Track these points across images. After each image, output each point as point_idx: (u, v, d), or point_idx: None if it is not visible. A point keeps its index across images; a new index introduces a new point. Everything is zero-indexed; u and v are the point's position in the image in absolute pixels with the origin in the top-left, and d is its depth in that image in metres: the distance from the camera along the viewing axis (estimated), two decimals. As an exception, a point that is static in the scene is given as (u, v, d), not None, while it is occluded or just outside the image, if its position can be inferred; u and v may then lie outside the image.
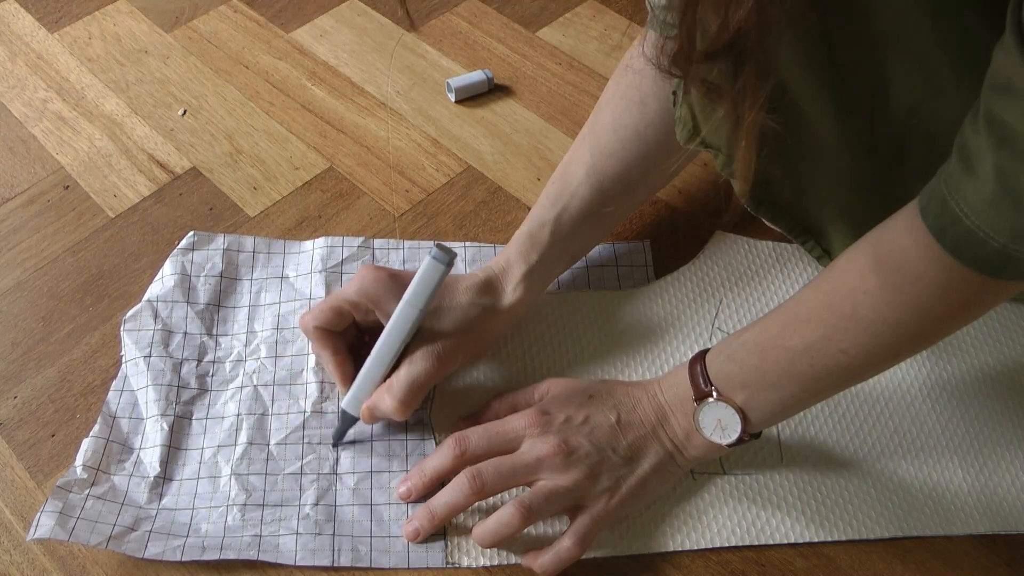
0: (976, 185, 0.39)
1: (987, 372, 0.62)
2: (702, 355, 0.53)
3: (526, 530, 0.53)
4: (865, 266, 0.45)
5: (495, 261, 0.60)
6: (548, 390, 0.56)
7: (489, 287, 0.58)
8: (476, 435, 0.54)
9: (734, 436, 0.51)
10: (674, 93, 0.53)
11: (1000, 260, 0.39)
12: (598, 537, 0.53)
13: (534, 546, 0.53)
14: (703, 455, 0.53)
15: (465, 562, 0.53)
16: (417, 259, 0.68)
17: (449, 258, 0.53)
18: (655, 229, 0.71)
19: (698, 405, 0.51)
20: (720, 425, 0.51)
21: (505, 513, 0.51)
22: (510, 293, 0.59)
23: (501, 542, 0.52)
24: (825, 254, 0.57)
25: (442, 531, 0.54)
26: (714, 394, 0.51)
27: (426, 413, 0.59)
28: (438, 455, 0.54)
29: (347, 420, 0.57)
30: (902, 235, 0.43)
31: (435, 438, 0.58)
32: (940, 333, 0.47)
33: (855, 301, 0.45)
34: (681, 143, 0.54)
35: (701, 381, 0.51)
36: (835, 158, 0.51)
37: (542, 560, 0.51)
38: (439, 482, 0.54)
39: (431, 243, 0.68)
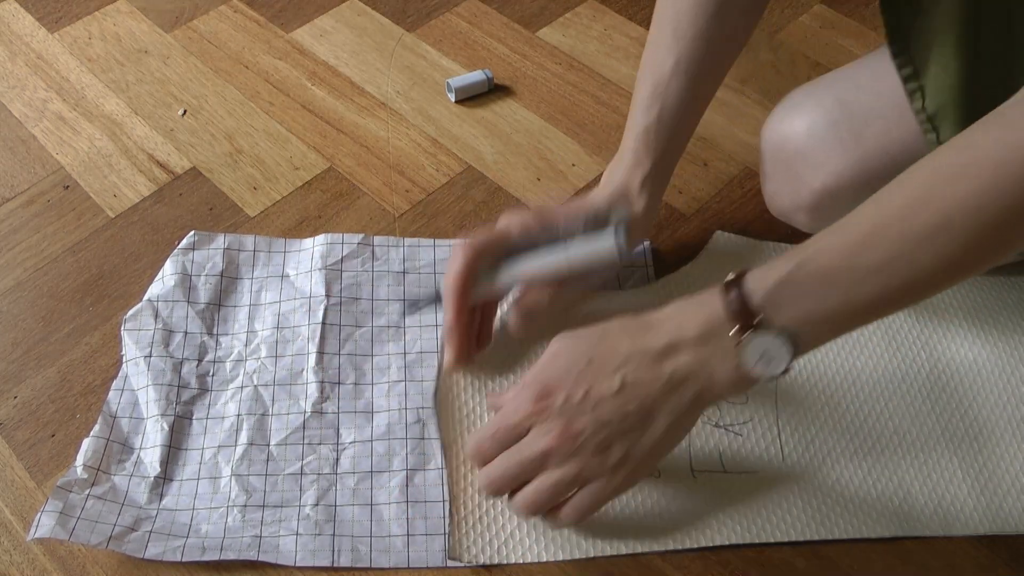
0: None
1: (987, 372, 0.62)
2: (735, 283, 0.48)
3: None
4: (953, 170, 0.43)
5: (614, 175, 0.62)
6: (556, 350, 0.53)
7: (623, 198, 0.61)
8: (487, 444, 0.52)
9: (782, 367, 0.47)
10: None
11: None
12: (598, 536, 0.53)
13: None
14: (730, 392, 0.49)
15: (465, 559, 0.53)
16: (418, 257, 0.68)
17: (623, 256, 0.57)
18: (655, 229, 0.71)
19: (743, 336, 0.46)
20: (766, 356, 0.47)
21: (511, 509, 0.51)
22: (639, 199, 0.61)
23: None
24: (914, 77, 0.54)
25: (442, 531, 0.54)
26: (762, 322, 0.46)
27: (426, 413, 0.59)
28: None
29: (433, 299, 0.61)
30: (996, 127, 0.42)
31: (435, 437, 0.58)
32: (1018, 240, 0.44)
33: (944, 209, 0.42)
34: None
35: (742, 308, 0.47)
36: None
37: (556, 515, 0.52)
38: None
39: (431, 240, 0.68)
